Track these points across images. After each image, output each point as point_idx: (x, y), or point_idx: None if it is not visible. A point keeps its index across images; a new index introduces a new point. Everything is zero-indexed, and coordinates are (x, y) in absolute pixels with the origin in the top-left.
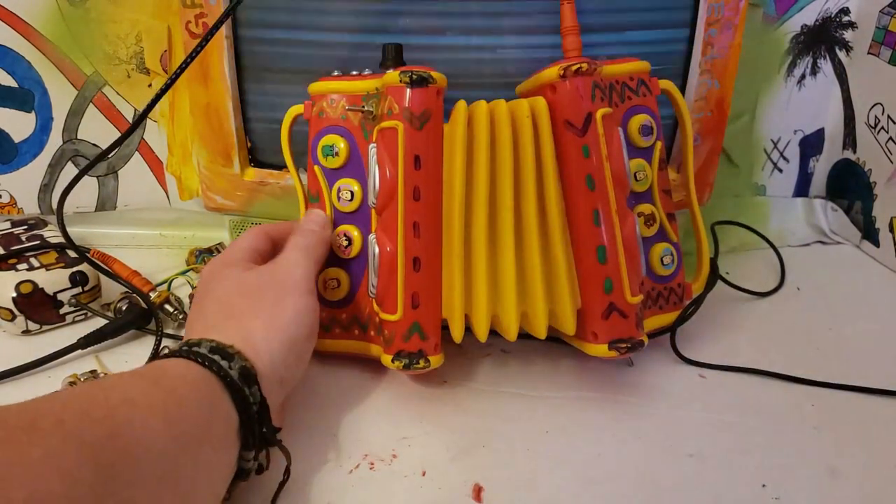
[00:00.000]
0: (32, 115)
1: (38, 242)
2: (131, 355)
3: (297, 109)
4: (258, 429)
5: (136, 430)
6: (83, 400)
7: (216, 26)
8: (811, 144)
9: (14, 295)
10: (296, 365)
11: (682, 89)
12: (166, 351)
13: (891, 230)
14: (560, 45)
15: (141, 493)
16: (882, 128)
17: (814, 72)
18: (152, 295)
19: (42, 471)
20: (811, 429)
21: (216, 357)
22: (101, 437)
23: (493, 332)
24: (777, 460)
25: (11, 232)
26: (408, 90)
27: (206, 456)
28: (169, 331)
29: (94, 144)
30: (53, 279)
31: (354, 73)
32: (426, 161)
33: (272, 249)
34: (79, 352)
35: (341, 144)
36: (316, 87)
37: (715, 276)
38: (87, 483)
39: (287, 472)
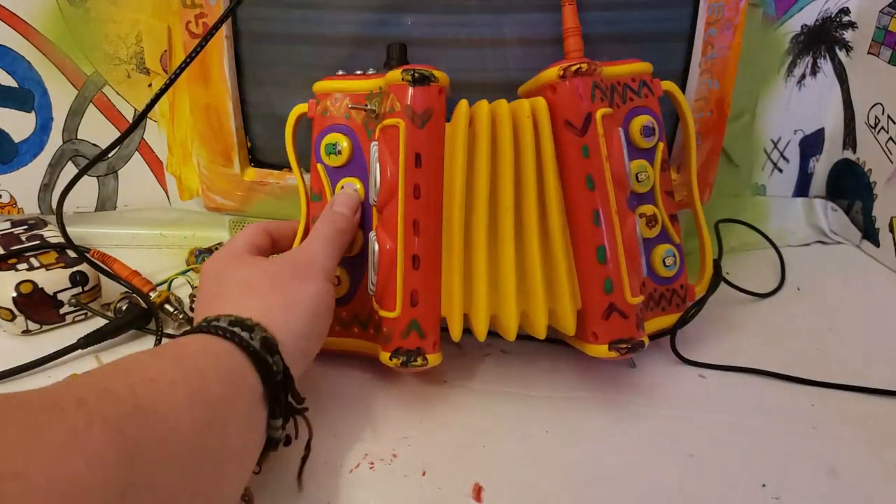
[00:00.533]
0: (32, 115)
1: (38, 242)
2: None
3: (301, 108)
4: (284, 397)
5: (160, 408)
6: (104, 380)
7: (215, 27)
8: (811, 144)
9: (14, 295)
10: (315, 340)
11: (683, 89)
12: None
13: (891, 230)
14: (562, 46)
15: (167, 470)
16: (882, 128)
17: (814, 72)
18: (152, 295)
19: (66, 453)
20: (811, 429)
21: (236, 329)
22: (124, 415)
23: (493, 332)
24: (777, 460)
25: (11, 232)
26: (410, 88)
27: (232, 428)
28: (169, 331)
29: (94, 144)
30: (53, 279)
31: (359, 72)
32: (427, 159)
33: (271, 246)
34: (79, 352)
35: (344, 143)
36: (320, 86)
37: (718, 278)
38: (112, 462)
39: (308, 447)
